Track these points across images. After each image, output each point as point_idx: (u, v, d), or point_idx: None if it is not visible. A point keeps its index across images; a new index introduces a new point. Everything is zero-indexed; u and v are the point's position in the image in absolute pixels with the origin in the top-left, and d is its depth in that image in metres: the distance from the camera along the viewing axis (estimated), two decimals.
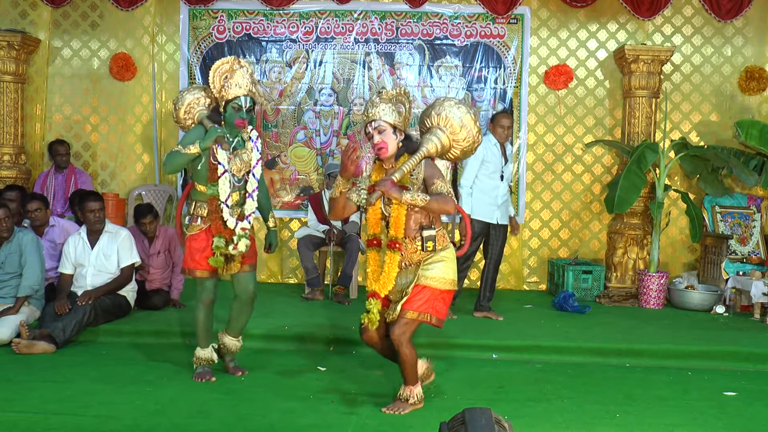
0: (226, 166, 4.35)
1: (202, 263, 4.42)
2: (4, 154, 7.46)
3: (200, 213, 4.44)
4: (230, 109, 4.35)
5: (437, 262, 3.92)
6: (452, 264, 3.97)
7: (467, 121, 3.94)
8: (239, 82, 4.31)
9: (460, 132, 3.94)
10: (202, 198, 4.43)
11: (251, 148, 4.48)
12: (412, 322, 3.87)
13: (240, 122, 4.36)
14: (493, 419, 2.26)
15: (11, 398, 4.08)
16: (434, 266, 3.91)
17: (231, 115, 4.35)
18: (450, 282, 3.93)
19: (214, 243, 4.36)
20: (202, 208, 4.44)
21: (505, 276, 7.75)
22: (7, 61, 7.42)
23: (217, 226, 4.37)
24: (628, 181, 6.79)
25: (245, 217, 4.44)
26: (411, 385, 4.02)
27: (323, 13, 7.68)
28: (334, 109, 7.74)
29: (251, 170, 4.48)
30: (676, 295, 6.93)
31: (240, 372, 4.63)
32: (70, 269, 5.58)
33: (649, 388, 4.61)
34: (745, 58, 7.64)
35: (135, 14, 7.77)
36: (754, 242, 7.32)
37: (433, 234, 3.91)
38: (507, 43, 7.63)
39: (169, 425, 3.75)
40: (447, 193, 3.83)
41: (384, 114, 3.92)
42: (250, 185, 4.48)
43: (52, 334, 5.05)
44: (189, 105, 4.56)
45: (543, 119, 7.73)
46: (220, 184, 4.34)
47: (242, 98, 4.33)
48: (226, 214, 4.36)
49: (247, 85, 4.34)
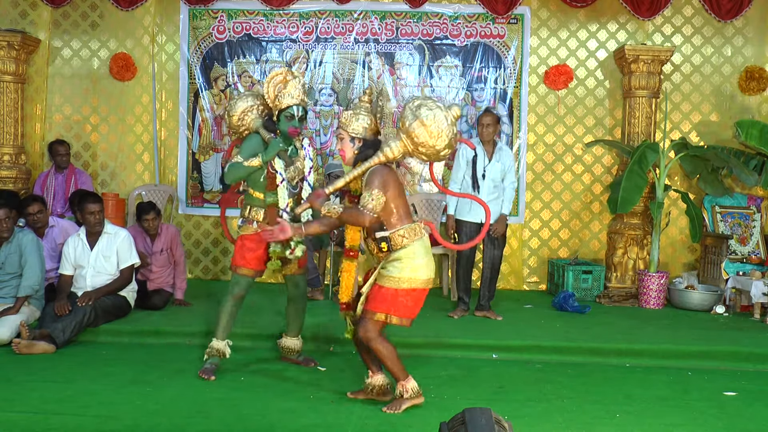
0: (284, 175, 4.56)
1: (251, 263, 4.63)
2: (4, 154, 7.46)
3: (256, 217, 4.64)
4: (283, 118, 4.54)
5: (394, 262, 3.94)
6: (411, 262, 3.92)
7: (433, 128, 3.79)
8: (292, 92, 4.52)
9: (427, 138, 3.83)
10: (259, 204, 4.65)
11: (303, 156, 4.67)
12: (371, 321, 3.95)
13: (293, 131, 4.55)
14: (493, 419, 2.26)
15: (11, 398, 4.08)
16: (391, 266, 3.95)
17: (284, 123, 4.54)
18: (407, 280, 3.91)
19: (272, 248, 4.57)
20: (257, 213, 4.63)
21: (505, 276, 7.75)
22: (7, 61, 7.42)
23: None
24: (630, 181, 6.79)
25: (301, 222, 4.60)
26: (401, 380, 4.04)
27: (323, 13, 7.68)
28: (334, 109, 7.74)
29: (305, 177, 4.67)
30: (676, 295, 6.93)
31: (312, 363, 4.86)
32: (69, 270, 5.58)
33: (649, 388, 4.61)
34: (745, 58, 7.64)
35: (135, 14, 7.77)
36: (754, 242, 7.32)
37: (385, 235, 3.94)
38: (507, 43, 7.63)
39: (169, 425, 3.75)
40: (361, 205, 3.85)
41: (344, 123, 4.08)
42: (305, 192, 4.65)
43: (52, 335, 5.05)
44: (242, 113, 4.74)
45: (543, 119, 7.73)
46: (279, 192, 4.57)
47: (295, 108, 4.51)
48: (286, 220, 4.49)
49: (299, 95, 4.54)
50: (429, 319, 6.09)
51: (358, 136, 4.06)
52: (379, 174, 3.90)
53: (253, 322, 5.73)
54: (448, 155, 4.01)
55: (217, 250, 7.86)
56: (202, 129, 7.78)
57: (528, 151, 7.72)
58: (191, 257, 7.76)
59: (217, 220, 7.83)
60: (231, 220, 7.14)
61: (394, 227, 3.95)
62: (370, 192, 3.85)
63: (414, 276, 3.93)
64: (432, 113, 3.81)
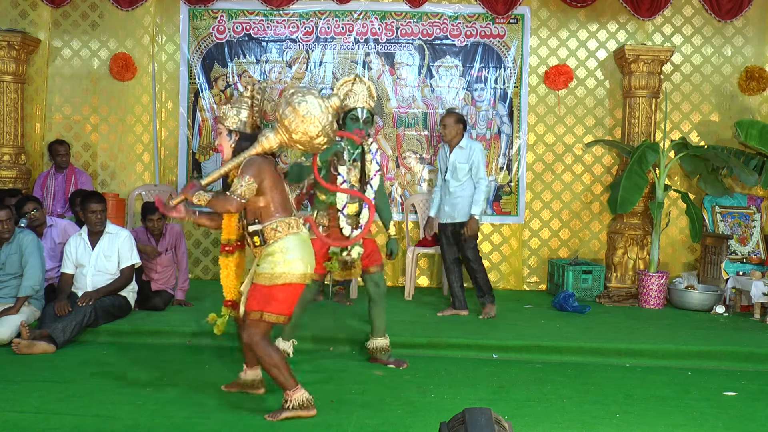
0: (344, 177, 4.62)
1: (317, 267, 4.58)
2: (4, 154, 7.46)
3: (321, 221, 4.69)
4: (349, 121, 4.65)
5: (267, 257, 3.83)
6: (284, 257, 3.80)
7: (306, 116, 3.72)
8: (358, 95, 4.63)
9: (299, 126, 3.74)
10: (323, 207, 4.69)
11: (370, 159, 4.72)
12: (254, 323, 3.82)
13: (358, 133, 4.61)
14: (493, 419, 2.26)
15: (11, 398, 4.08)
16: (264, 262, 3.84)
17: (349, 125, 4.64)
18: (281, 276, 3.79)
19: (331, 249, 4.62)
20: (323, 217, 4.70)
21: (505, 276, 7.75)
22: (7, 61, 7.41)
23: (335, 233, 4.64)
24: (630, 181, 6.80)
25: (360, 226, 4.67)
26: (288, 389, 3.86)
27: (323, 13, 7.68)
28: None
29: (369, 181, 4.72)
30: (676, 295, 6.93)
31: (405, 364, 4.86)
32: (71, 269, 5.59)
33: (649, 388, 4.61)
34: (745, 58, 7.64)
35: (135, 14, 7.77)
36: (754, 242, 7.32)
37: (257, 229, 3.84)
38: (507, 43, 7.63)
39: (169, 425, 3.75)
40: (233, 191, 3.72)
41: (221, 116, 4.03)
42: (368, 194, 4.70)
43: (52, 335, 5.05)
44: None
45: (543, 119, 7.73)
46: (338, 193, 4.61)
47: (359, 110, 4.64)
48: (342, 222, 4.64)
49: (364, 98, 4.65)
50: (429, 319, 6.10)
51: (236, 129, 3.95)
52: (255, 164, 3.79)
53: None
54: (323, 145, 3.86)
55: (217, 250, 7.83)
56: (202, 129, 7.78)
57: (528, 151, 7.71)
58: (191, 257, 7.75)
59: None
60: None
61: (267, 220, 3.85)
62: (241, 178, 3.74)
63: (288, 271, 3.80)
64: (305, 100, 3.74)
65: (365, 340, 5.08)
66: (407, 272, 7.03)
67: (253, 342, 3.81)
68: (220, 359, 5.00)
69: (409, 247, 7.11)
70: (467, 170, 6.13)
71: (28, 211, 5.92)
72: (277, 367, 3.82)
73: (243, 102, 4.04)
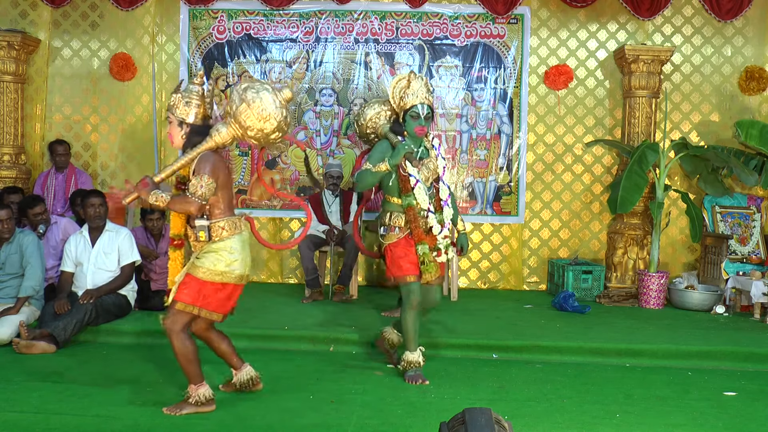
0: (417, 177, 4.50)
1: (409, 269, 4.51)
2: (4, 154, 7.46)
3: (397, 223, 4.56)
4: (409, 118, 4.52)
5: (210, 253, 3.85)
6: (227, 256, 3.85)
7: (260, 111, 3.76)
8: (416, 91, 4.50)
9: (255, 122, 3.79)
10: (397, 209, 4.56)
11: (435, 155, 4.62)
12: (178, 313, 3.85)
13: (419, 129, 4.51)
14: (493, 419, 2.26)
15: (11, 398, 4.09)
16: (205, 257, 3.85)
17: (410, 123, 4.52)
18: (221, 274, 3.84)
19: (420, 251, 4.49)
20: (398, 219, 4.55)
21: (505, 276, 7.75)
22: (7, 61, 7.42)
23: (419, 233, 4.51)
24: (630, 181, 6.80)
25: (445, 225, 4.57)
26: (193, 383, 3.91)
27: (323, 13, 7.68)
28: (334, 109, 7.74)
29: (440, 178, 4.61)
30: (676, 295, 6.93)
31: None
32: (71, 267, 5.59)
33: (649, 388, 4.61)
34: (745, 58, 7.64)
35: (135, 14, 7.77)
36: (754, 242, 7.32)
37: (204, 224, 3.84)
38: (507, 43, 7.63)
39: (169, 425, 3.75)
40: (190, 192, 3.75)
41: (172, 106, 3.91)
42: (443, 193, 4.61)
43: (53, 334, 5.05)
44: (371, 120, 4.85)
45: (543, 119, 7.73)
46: (417, 194, 4.49)
47: (419, 106, 4.48)
48: (432, 220, 4.52)
49: (423, 94, 4.50)
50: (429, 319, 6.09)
51: (186, 120, 3.89)
52: (210, 161, 3.79)
53: (245, 321, 5.73)
54: (278, 139, 3.90)
55: None
56: None
57: (528, 151, 7.71)
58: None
59: None
60: None
61: (216, 218, 3.86)
62: (200, 178, 3.73)
63: (228, 270, 3.86)
64: (258, 95, 3.75)
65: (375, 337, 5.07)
66: None
67: (174, 330, 3.85)
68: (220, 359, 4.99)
69: None
70: None
71: (38, 213, 5.96)
72: (190, 359, 3.88)
73: (192, 93, 3.92)
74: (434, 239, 4.55)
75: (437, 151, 4.63)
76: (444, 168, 4.62)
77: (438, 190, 4.64)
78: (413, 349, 4.61)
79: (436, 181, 4.64)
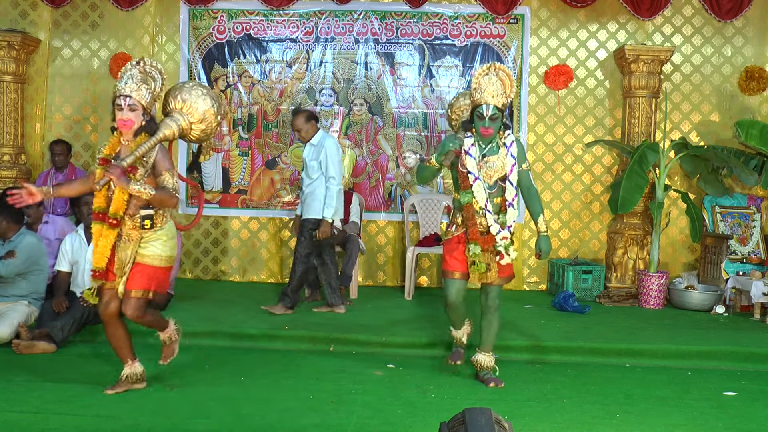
0: (476, 174, 4.36)
1: (452, 265, 4.48)
2: (4, 154, 7.46)
3: (455, 220, 4.52)
4: (476, 117, 4.38)
5: (155, 241, 4.11)
6: (171, 242, 4.17)
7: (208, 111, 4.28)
8: (483, 89, 4.32)
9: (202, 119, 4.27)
10: (458, 206, 4.49)
11: (505, 153, 4.41)
12: (138, 300, 4.08)
13: (483, 131, 4.35)
14: (493, 419, 2.26)
15: (11, 398, 4.09)
16: (151, 245, 4.10)
17: (476, 122, 4.37)
18: (167, 259, 4.16)
19: (471, 250, 4.39)
20: (457, 216, 4.50)
21: None
22: (7, 61, 7.42)
23: (474, 232, 4.39)
24: (630, 181, 6.80)
25: (507, 227, 4.42)
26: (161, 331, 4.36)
27: (323, 13, 7.68)
28: (334, 109, 7.74)
29: (507, 177, 4.41)
30: (676, 295, 6.93)
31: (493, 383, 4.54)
32: (67, 267, 5.58)
33: (649, 388, 4.62)
34: (745, 58, 7.64)
35: (135, 14, 7.77)
36: (754, 242, 7.32)
37: (150, 213, 4.09)
38: (507, 43, 7.63)
39: (169, 425, 3.75)
40: (172, 187, 4.05)
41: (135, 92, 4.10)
42: (509, 193, 4.43)
43: (51, 333, 5.05)
44: (459, 109, 4.97)
45: (543, 119, 7.73)
46: (475, 191, 4.37)
47: (484, 107, 4.31)
48: (490, 219, 4.38)
49: (493, 93, 4.31)
50: (429, 319, 6.09)
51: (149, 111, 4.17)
52: (167, 154, 4.12)
53: (245, 321, 5.73)
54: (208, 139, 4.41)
55: (217, 250, 7.86)
56: None
57: (528, 151, 7.71)
58: (191, 257, 7.76)
59: (218, 219, 7.83)
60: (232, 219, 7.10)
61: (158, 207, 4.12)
62: (169, 172, 4.05)
63: (171, 255, 4.19)
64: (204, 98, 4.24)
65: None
66: (407, 272, 7.03)
67: (139, 315, 4.09)
68: (220, 359, 5.00)
69: (409, 247, 7.11)
70: (317, 167, 6.04)
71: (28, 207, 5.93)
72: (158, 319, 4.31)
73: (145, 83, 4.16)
74: (492, 239, 4.40)
75: (507, 149, 4.40)
76: (512, 166, 4.38)
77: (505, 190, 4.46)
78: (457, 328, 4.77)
79: (503, 180, 4.44)
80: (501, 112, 4.35)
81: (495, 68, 4.37)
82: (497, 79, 4.34)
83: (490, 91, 4.31)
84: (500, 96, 4.33)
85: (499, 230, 4.38)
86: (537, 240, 4.58)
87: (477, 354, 4.66)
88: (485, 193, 4.37)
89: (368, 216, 7.68)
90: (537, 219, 4.55)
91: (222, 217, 7.84)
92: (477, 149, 4.41)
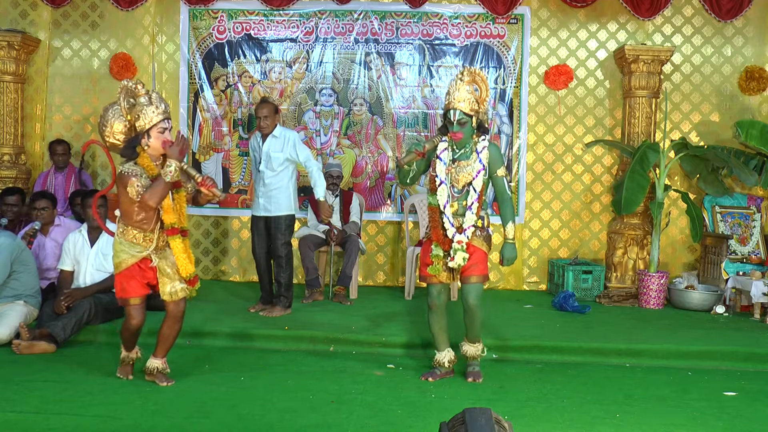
0: (441, 177, 4.47)
1: (425, 271, 4.58)
2: (4, 154, 7.46)
3: (426, 223, 4.63)
4: (447, 122, 4.46)
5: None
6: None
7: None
8: (453, 93, 4.42)
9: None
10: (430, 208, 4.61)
11: (475, 158, 4.48)
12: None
13: (453, 135, 4.45)
14: (493, 419, 2.26)
15: (11, 398, 4.09)
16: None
17: (448, 126, 4.46)
18: None
19: (433, 252, 4.50)
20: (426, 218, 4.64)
21: (505, 276, 7.75)
22: (7, 61, 7.42)
23: (437, 234, 4.51)
24: (633, 182, 6.81)
25: (463, 230, 4.47)
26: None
27: (323, 13, 7.68)
28: (334, 109, 7.74)
29: (471, 182, 4.47)
30: (676, 295, 6.93)
31: (471, 378, 4.64)
32: (69, 266, 5.58)
33: (649, 388, 4.62)
34: (745, 58, 7.64)
35: (135, 14, 7.77)
36: (754, 242, 7.32)
37: None
38: (507, 43, 7.63)
39: (169, 425, 3.75)
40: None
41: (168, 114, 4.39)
42: (470, 197, 4.48)
43: (52, 333, 5.04)
44: None
45: (543, 119, 7.73)
46: (438, 193, 4.47)
47: (452, 111, 4.40)
48: (447, 223, 4.47)
49: (460, 97, 4.38)
50: None
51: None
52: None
53: (245, 321, 5.73)
54: None
55: (217, 250, 7.86)
56: (203, 129, 7.78)
57: (528, 151, 7.71)
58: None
59: (218, 219, 7.83)
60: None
61: None
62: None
63: None
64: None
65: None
66: (407, 272, 7.03)
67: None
68: (220, 359, 5.00)
69: (409, 247, 7.11)
70: (282, 160, 5.97)
71: (38, 208, 5.93)
72: None
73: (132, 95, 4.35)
74: (450, 242, 4.47)
75: (478, 154, 4.47)
76: (478, 173, 4.45)
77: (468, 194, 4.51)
78: (440, 349, 4.72)
79: (468, 184, 4.49)
80: (469, 117, 4.42)
81: (468, 73, 4.45)
82: (466, 84, 4.42)
83: (457, 96, 4.40)
84: (468, 101, 4.40)
85: (455, 233, 4.46)
86: (502, 247, 4.63)
87: (464, 344, 4.76)
88: (447, 196, 4.47)
89: (368, 216, 7.68)
90: (506, 225, 4.61)
91: (222, 217, 7.84)
92: (449, 153, 4.52)
